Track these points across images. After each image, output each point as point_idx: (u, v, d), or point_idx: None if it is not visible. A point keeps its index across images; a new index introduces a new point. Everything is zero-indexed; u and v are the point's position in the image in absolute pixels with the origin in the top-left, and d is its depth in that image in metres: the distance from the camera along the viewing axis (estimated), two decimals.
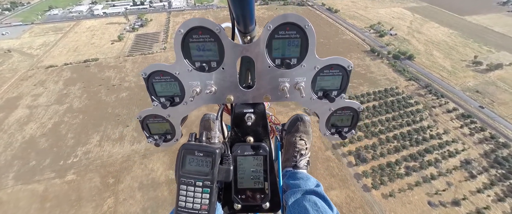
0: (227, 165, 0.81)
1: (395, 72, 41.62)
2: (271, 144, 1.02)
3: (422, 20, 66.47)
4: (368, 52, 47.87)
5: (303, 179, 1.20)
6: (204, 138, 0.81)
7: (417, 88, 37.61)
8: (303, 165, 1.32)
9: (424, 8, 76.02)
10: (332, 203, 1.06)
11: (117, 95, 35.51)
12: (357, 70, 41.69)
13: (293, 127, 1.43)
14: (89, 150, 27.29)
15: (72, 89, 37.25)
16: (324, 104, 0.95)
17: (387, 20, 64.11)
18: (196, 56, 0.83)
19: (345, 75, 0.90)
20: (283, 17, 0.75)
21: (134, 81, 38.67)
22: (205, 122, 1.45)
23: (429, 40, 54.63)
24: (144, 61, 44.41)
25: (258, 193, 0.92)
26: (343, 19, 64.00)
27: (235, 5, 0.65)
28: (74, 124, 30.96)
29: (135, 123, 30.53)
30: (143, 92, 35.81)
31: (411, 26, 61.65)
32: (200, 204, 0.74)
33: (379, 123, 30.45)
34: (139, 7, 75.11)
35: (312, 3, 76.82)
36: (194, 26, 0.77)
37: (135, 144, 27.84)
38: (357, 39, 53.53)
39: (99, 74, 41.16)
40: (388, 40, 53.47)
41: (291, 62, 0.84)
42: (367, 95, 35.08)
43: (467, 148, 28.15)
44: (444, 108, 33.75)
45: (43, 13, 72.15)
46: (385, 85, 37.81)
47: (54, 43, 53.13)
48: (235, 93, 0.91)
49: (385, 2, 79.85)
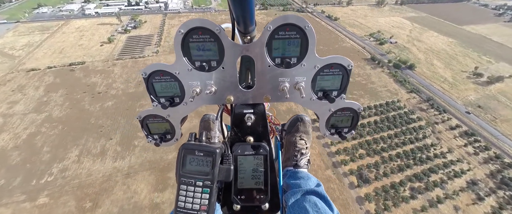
0: (227, 165, 0.81)
1: (396, 83, 40.36)
2: (271, 144, 1.00)
3: (421, 29, 66.08)
4: (369, 60, 46.63)
5: (303, 178, 1.17)
6: (204, 138, 0.81)
7: (419, 102, 36.32)
8: (303, 164, 1.29)
9: (423, 18, 75.89)
10: (332, 204, 1.04)
11: (102, 104, 32.95)
12: (357, 80, 40.28)
13: (293, 127, 1.41)
14: (66, 167, 24.69)
15: (53, 97, 34.48)
16: (324, 105, 0.94)
17: (386, 29, 63.39)
18: (196, 56, 0.83)
19: (345, 75, 0.89)
20: (283, 18, 0.75)
21: (122, 88, 36.17)
22: (205, 122, 1.41)
23: (429, 49, 53.93)
24: (134, 66, 41.93)
25: (258, 194, 0.90)
26: (342, 27, 62.93)
27: (235, 6, 0.65)
28: (51, 135, 28.28)
29: (119, 136, 28.13)
30: (131, 102, 33.45)
31: (411, 35, 61.03)
32: (199, 204, 0.74)
33: (381, 140, 28.85)
34: (134, 8, 72.50)
35: (311, 9, 75.75)
36: (194, 26, 0.78)
37: (118, 160, 25.40)
38: (357, 46, 52.36)
39: (84, 79, 38.47)
40: (388, 48, 52.49)
41: (291, 61, 0.84)
42: (368, 109, 33.52)
43: (473, 167, 26.77)
44: (447, 124, 32.46)
45: (31, 11, 68.72)
46: (386, 98, 36.41)
47: (39, 43, 50.07)
48: (235, 93, 0.91)
49: (384, 11, 79.49)
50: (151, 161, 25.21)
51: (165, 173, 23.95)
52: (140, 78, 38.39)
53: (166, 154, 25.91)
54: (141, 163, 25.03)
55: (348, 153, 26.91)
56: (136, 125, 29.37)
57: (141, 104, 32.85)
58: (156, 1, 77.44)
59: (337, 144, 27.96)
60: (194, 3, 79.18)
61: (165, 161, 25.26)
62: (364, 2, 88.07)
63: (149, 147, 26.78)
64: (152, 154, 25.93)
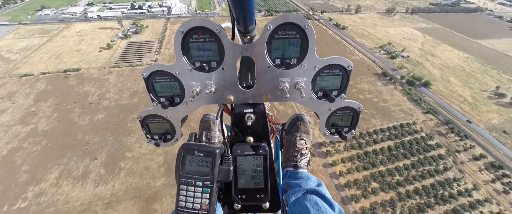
0: (227, 165, 0.81)
1: (411, 102, 37.12)
2: (271, 144, 1.00)
3: (434, 42, 62.75)
4: (380, 76, 43.55)
5: (303, 178, 1.17)
6: (204, 138, 0.81)
7: (436, 125, 32.97)
8: (303, 164, 1.29)
9: (435, 29, 72.55)
10: (333, 202, 1.03)
11: (91, 117, 30.68)
12: (368, 97, 37.20)
13: (293, 127, 1.40)
14: (43, 191, 22.23)
15: (42, 107, 32.44)
16: (324, 104, 0.95)
17: (397, 41, 60.31)
18: (196, 56, 0.84)
19: (345, 75, 0.89)
20: (283, 17, 0.75)
21: (115, 99, 33.94)
22: (205, 122, 1.39)
23: (444, 65, 50.54)
24: (131, 75, 39.84)
25: (258, 193, 0.90)
26: (351, 37, 60.14)
27: (235, 6, 0.65)
28: (33, 152, 25.99)
29: (105, 156, 25.64)
30: (122, 115, 31.10)
31: (423, 48, 57.76)
32: (200, 204, 0.74)
33: (397, 171, 25.60)
34: (136, 12, 71.39)
35: (318, 17, 73.33)
36: (194, 26, 0.78)
37: (101, 185, 22.82)
38: (367, 60, 49.37)
39: (77, 88, 36.47)
40: (400, 62, 49.34)
41: (291, 62, 0.84)
42: (381, 132, 30.35)
43: (504, 210, 23.22)
44: (470, 153, 28.99)
45: (33, 12, 68.20)
46: (400, 119, 33.19)
47: (37, 47, 48.73)
48: (235, 93, 0.91)
49: (394, 21, 76.49)
50: (136, 188, 22.55)
51: (150, 204, 21.23)
52: (134, 88, 36.18)
53: (154, 180, 23.25)
54: (126, 190, 22.38)
55: (359, 186, 23.75)
56: (125, 144, 26.88)
57: (133, 118, 30.44)
58: (159, 5, 76.33)
59: (347, 175, 24.86)
60: (198, 7, 77.80)
61: (152, 189, 22.57)
62: (373, 10, 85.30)
63: (135, 170, 24.20)
64: (138, 179, 23.30)
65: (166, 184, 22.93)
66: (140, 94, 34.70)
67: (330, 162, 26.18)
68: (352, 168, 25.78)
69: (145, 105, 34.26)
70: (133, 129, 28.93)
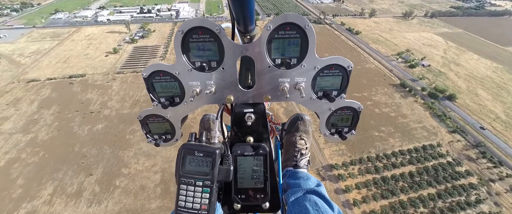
0: (227, 165, 0.81)
1: (434, 118, 33.41)
2: (271, 144, 1.01)
3: (458, 49, 57.75)
4: (398, 87, 39.96)
5: (303, 178, 1.17)
6: (204, 138, 0.81)
7: (465, 147, 29.18)
8: (303, 164, 1.29)
9: (458, 35, 67.13)
10: (333, 202, 1.03)
11: (91, 127, 29.74)
12: (385, 112, 33.91)
13: (293, 127, 1.40)
14: (35, 209, 21.18)
15: (44, 114, 32.00)
16: (324, 104, 0.95)
17: (416, 48, 56.00)
18: (196, 56, 0.84)
19: (345, 75, 0.89)
20: (283, 17, 0.76)
21: (116, 108, 32.95)
22: (205, 122, 1.40)
23: (470, 75, 45.92)
24: (134, 82, 38.92)
25: (258, 193, 0.91)
26: (365, 43, 56.57)
27: (235, 6, 0.66)
28: (30, 164, 25.21)
29: (101, 171, 24.37)
30: (122, 125, 29.93)
31: (446, 57, 53.13)
32: (200, 204, 0.75)
33: (420, 201, 22.42)
34: (145, 16, 71.52)
35: (330, 21, 70.08)
36: (194, 26, 0.78)
37: (94, 205, 21.47)
38: (383, 69, 45.80)
39: (80, 95, 35.94)
40: (421, 72, 45.34)
41: (291, 62, 0.84)
42: (401, 154, 27.11)
43: None
44: (506, 183, 25.13)
45: (47, 16, 70.07)
46: (423, 139, 29.72)
47: (47, 51, 49.34)
48: (235, 93, 0.91)
49: (412, 25, 71.72)
50: (130, 210, 20.96)
51: None
52: (136, 97, 35.10)
53: (149, 201, 21.57)
54: (118, 212, 20.85)
55: None
56: (122, 158, 25.53)
57: (133, 129, 29.20)
58: (168, 8, 76.24)
59: (362, 204, 22.02)
60: (206, 11, 76.98)
61: (146, 212, 20.88)
62: (389, 14, 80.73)
63: (131, 189, 22.66)
64: (133, 200, 21.73)
65: (161, 206, 21.19)
66: (142, 103, 33.52)
67: (342, 187, 23.44)
68: (368, 195, 22.89)
69: None
70: (131, 141, 27.61)
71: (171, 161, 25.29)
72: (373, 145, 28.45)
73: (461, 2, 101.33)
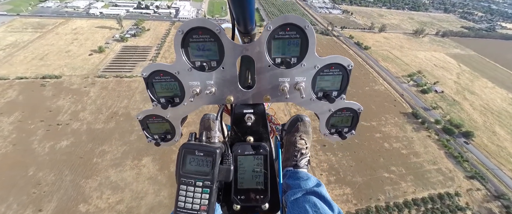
0: (227, 165, 0.81)
1: (449, 158, 29.56)
2: (271, 144, 1.01)
3: (471, 74, 54.24)
4: (409, 117, 36.07)
5: (303, 178, 1.17)
6: (204, 137, 0.82)
7: (486, 199, 25.33)
8: (303, 164, 1.29)
9: (470, 57, 63.72)
10: (333, 203, 1.03)
11: (54, 144, 25.27)
12: (396, 147, 29.97)
13: (293, 127, 1.42)
14: None
15: (2, 122, 27.42)
16: (324, 105, 0.96)
17: (428, 69, 52.36)
18: (196, 56, 0.84)
19: (345, 75, 0.89)
20: (283, 18, 0.76)
21: (89, 121, 28.48)
22: (205, 121, 1.40)
23: (485, 107, 42.28)
24: (115, 89, 34.48)
25: (258, 194, 0.91)
26: (374, 60, 52.75)
27: (235, 6, 0.66)
28: None
29: (54, 206, 19.96)
30: (91, 144, 25.50)
31: (460, 82, 49.52)
32: (199, 204, 0.75)
33: None
34: (142, 11, 66.84)
35: (338, 33, 66.17)
36: (194, 26, 0.78)
37: None
38: (393, 92, 41.92)
39: (50, 101, 31.39)
40: (433, 99, 41.61)
41: (291, 61, 0.85)
42: (414, 205, 23.14)
43: None
44: None
45: (36, 4, 64.98)
46: (438, 184, 25.82)
47: (25, 44, 44.54)
48: (235, 93, 0.92)
49: (423, 43, 68.17)
50: None
51: None
52: (114, 108, 30.65)
53: None
54: None
55: None
56: (83, 190, 21.13)
57: (102, 150, 24.83)
58: (167, 6, 71.64)
59: None
60: (208, 12, 72.57)
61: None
62: (399, 30, 77.21)
63: None
64: None
65: None
66: (119, 117, 29.11)
67: None
68: None
69: (120, 135, 29.00)
70: (98, 167, 23.23)
71: (142, 198, 21.02)
72: (382, 190, 24.44)
73: (472, 22, 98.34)
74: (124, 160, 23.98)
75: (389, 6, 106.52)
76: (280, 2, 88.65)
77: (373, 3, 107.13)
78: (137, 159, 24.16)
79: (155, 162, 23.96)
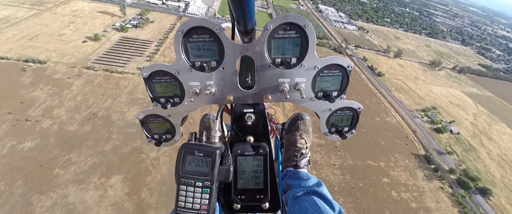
0: (227, 166, 0.81)
1: None
2: (271, 144, 1.01)
3: (489, 117, 50.58)
4: (421, 160, 32.41)
5: (303, 178, 1.17)
6: (204, 137, 0.82)
7: None
8: (303, 164, 1.29)
9: (488, 99, 60.06)
10: (334, 202, 1.03)
11: (16, 144, 21.83)
12: (404, 198, 26.31)
13: (293, 126, 1.42)
14: None
15: None
16: (324, 105, 0.96)
17: (443, 106, 48.77)
18: (195, 56, 0.84)
19: (345, 76, 0.89)
20: (283, 17, 0.76)
21: (62, 120, 25.04)
22: (205, 121, 1.41)
23: (504, 157, 38.58)
24: (102, 84, 31.09)
25: (258, 193, 0.91)
26: (387, 89, 49.20)
27: (235, 5, 0.66)
28: None
29: None
30: (58, 149, 22.04)
31: (476, 124, 45.87)
32: (199, 204, 0.75)
33: None
34: (150, 0, 63.74)
35: (351, 53, 62.78)
36: (194, 26, 0.78)
37: None
38: (405, 127, 38.31)
39: (26, 89, 28.02)
40: (448, 141, 37.95)
41: (291, 61, 0.85)
42: None
43: None
44: None
45: None
46: None
47: (18, 21, 41.38)
48: (235, 93, 0.92)
49: (439, 77, 64.61)
50: None
51: None
52: (95, 109, 27.19)
53: None
54: None
55: None
56: (32, 210, 17.57)
57: (68, 160, 21.34)
58: None
59: None
60: (219, 11, 69.46)
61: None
62: (415, 57, 73.77)
63: None
64: None
65: None
66: (98, 120, 25.65)
67: None
68: None
69: (94, 142, 21.37)
70: (58, 181, 19.72)
71: None
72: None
73: (489, 61, 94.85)
74: (90, 175, 20.45)
75: (406, 29, 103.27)
76: (296, 11, 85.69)
77: (390, 23, 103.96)
78: (105, 176, 20.63)
79: (125, 183, 20.42)
